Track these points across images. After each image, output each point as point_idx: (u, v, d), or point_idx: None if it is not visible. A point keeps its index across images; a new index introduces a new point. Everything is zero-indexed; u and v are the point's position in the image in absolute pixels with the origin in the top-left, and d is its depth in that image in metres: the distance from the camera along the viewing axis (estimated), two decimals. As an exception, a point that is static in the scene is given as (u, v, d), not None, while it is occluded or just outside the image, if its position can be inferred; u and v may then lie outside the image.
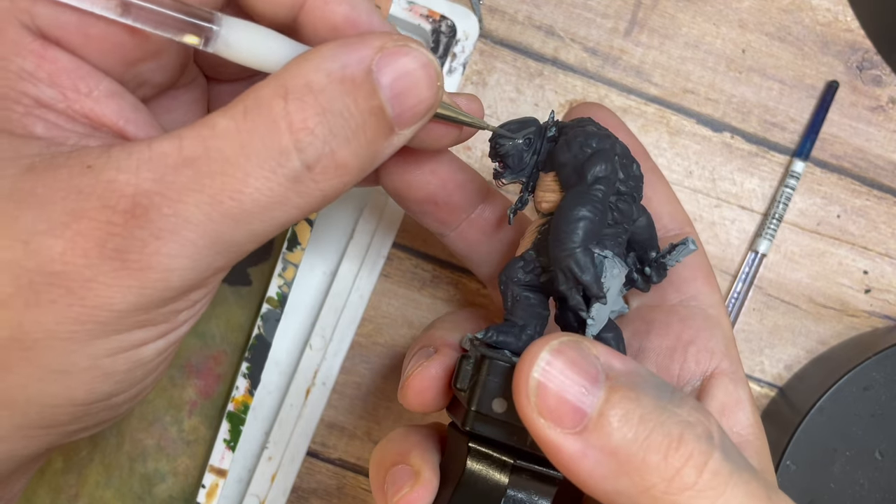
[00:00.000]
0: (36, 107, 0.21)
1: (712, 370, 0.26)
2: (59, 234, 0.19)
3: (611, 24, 0.39)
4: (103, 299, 0.20)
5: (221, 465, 0.37)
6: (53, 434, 0.22)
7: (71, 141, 0.21)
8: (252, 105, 0.20)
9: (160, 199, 0.19)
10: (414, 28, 0.37)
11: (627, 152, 0.25)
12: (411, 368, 0.26)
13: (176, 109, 0.26)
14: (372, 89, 0.21)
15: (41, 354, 0.20)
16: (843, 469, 0.36)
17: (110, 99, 0.22)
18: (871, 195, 0.39)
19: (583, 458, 0.20)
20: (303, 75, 0.20)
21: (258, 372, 0.37)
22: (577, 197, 0.23)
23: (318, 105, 0.20)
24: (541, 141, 0.26)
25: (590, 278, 0.23)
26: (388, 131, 0.22)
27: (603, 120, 0.29)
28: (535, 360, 0.20)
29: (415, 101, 0.22)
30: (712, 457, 0.19)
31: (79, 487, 0.38)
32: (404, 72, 0.21)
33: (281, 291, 0.37)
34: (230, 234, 0.20)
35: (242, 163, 0.20)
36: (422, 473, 0.25)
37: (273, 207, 0.20)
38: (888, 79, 0.39)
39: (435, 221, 0.29)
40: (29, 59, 0.20)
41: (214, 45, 0.21)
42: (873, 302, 0.39)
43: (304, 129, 0.20)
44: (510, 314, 0.25)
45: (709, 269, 0.28)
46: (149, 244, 0.19)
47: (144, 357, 0.22)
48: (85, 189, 0.19)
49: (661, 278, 0.27)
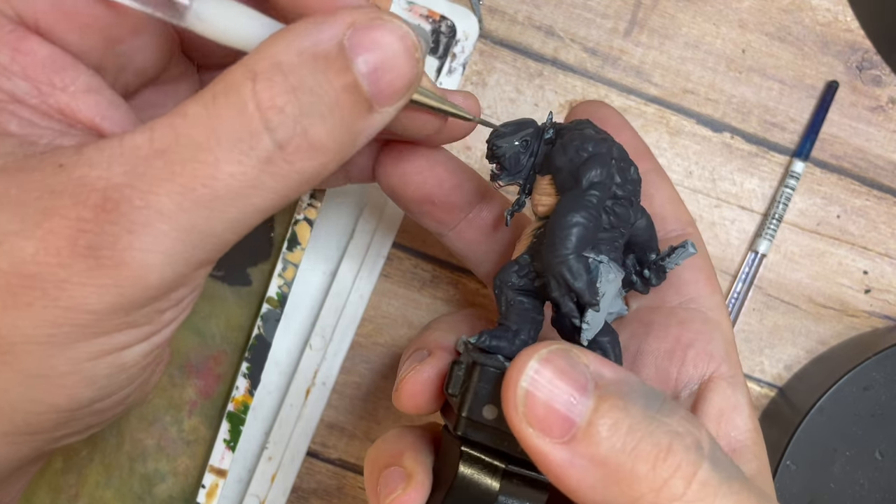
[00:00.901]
0: (9, 102, 0.20)
1: (710, 374, 0.26)
2: (30, 234, 0.19)
3: (611, 25, 0.39)
4: (78, 300, 0.19)
5: (221, 465, 0.37)
6: (39, 440, 0.22)
7: (45, 139, 0.20)
8: (221, 90, 0.19)
9: (130, 192, 0.19)
10: (414, 28, 0.37)
11: (625, 155, 0.25)
12: (405, 371, 0.26)
13: (165, 104, 0.26)
14: (345, 65, 0.20)
15: (20, 359, 0.20)
16: (843, 469, 0.36)
17: (87, 94, 0.21)
18: (871, 195, 0.39)
19: (571, 468, 0.20)
20: (272, 55, 0.20)
21: (258, 372, 0.37)
22: (572, 202, 0.23)
23: (288, 84, 0.19)
24: (538, 143, 0.26)
25: (582, 285, 0.22)
26: (366, 109, 0.21)
27: (606, 119, 0.29)
28: (524, 369, 0.20)
29: (392, 75, 0.21)
30: (701, 467, 0.19)
31: (79, 487, 0.38)
32: (379, 45, 0.20)
33: (281, 291, 0.37)
34: (205, 223, 0.20)
35: (213, 147, 0.19)
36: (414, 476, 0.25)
37: (248, 193, 0.20)
38: (888, 79, 0.39)
39: (433, 221, 0.29)
40: (3, 52, 0.20)
41: (187, 19, 0.21)
42: (873, 302, 0.39)
43: (273, 108, 0.19)
44: (504, 318, 0.25)
45: (710, 271, 0.28)
46: (121, 239, 0.19)
47: (127, 361, 0.22)
48: (57, 188, 0.19)
49: (660, 281, 0.27)
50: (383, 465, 0.26)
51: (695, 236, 0.28)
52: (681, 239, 0.27)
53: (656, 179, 0.29)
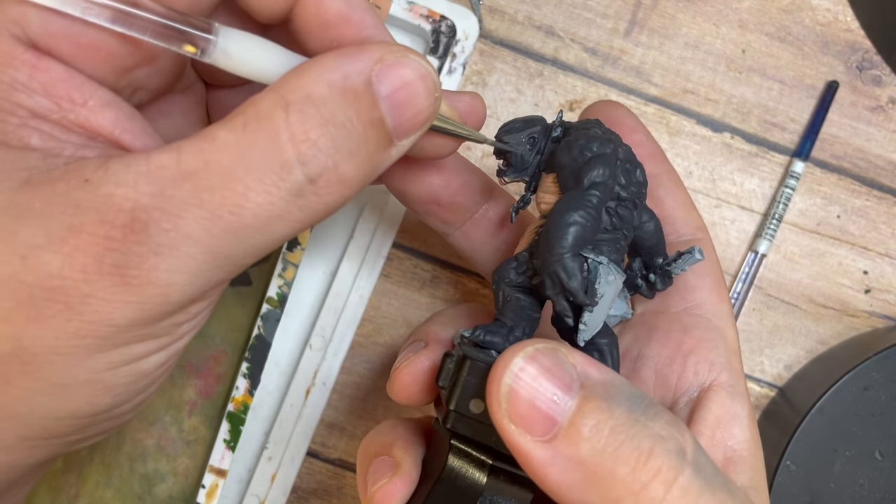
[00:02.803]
0: (31, 118, 0.20)
1: (710, 382, 0.26)
2: (57, 249, 0.19)
3: (611, 25, 0.39)
4: (102, 314, 0.19)
5: (221, 465, 0.37)
6: (56, 444, 0.22)
7: (67, 152, 0.20)
8: (252, 117, 0.20)
9: (159, 214, 0.19)
10: (414, 28, 0.37)
11: (632, 157, 0.25)
12: (399, 361, 0.26)
13: (174, 114, 0.26)
14: (373, 101, 0.21)
15: (41, 369, 0.20)
16: (843, 469, 0.36)
17: (106, 108, 0.21)
18: (871, 195, 0.39)
19: (551, 467, 0.20)
20: (303, 86, 0.20)
21: (258, 372, 0.37)
22: (571, 201, 0.23)
23: (321, 116, 0.20)
24: (546, 140, 0.26)
25: (576, 285, 0.22)
26: (388, 143, 0.22)
27: (620, 119, 0.29)
28: (509, 366, 0.20)
29: (413, 111, 0.21)
30: (682, 473, 0.19)
31: (79, 487, 0.38)
32: (403, 83, 0.21)
33: (281, 291, 0.37)
34: (230, 248, 0.20)
35: (243, 176, 0.19)
36: (402, 466, 0.25)
37: (274, 221, 0.20)
38: (888, 79, 0.39)
39: (438, 221, 0.29)
40: (22, 70, 0.20)
41: (212, 56, 0.21)
42: (873, 302, 0.39)
43: (307, 142, 0.20)
44: (500, 314, 0.25)
45: (718, 277, 0.28)
46: (148, 260, 0.19)
47: (145, 369, 0.22)
48: (83, 203, 0.19)
49: (665, 286, 0.27)
50: (373, 455, 0.26)
51: (705, 242, 0.28)
52: (690, 244, 0.27)
53: (668, 183, 0.28)
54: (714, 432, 0.25)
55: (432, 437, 0.26)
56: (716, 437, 0.25)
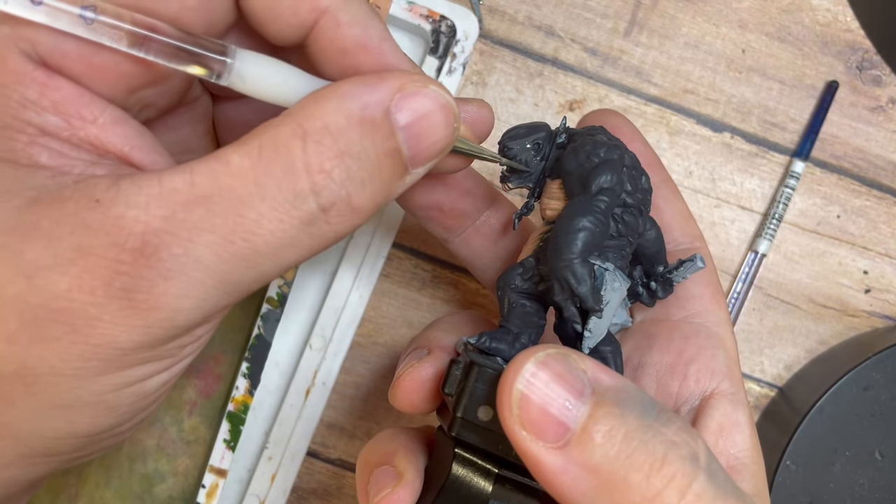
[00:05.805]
0: (40, 135, 0.20)
1: (712, 390, 0.26)
2: (65, 270, 0.19)
3: (611, 25, 0.39)
4: (108, 337, 0.19)
5: (221, 465, 0.37)
6: (56, 461, 0.22)
7: (76, 169, 0.20)
8: (268, 143, 0.20)
9: (170, 238, 0.19)
10: (414, 28, 0.37)
11: (637, 164, 0.25)
12: (402, 369, 0.26)
13: (180, 127, 0.26)
14: (390, 131, 0.21)
15: (45, 390, 0.20)
16: (843, 469, 0.36)
17: (115, 125, 0.21)
18: (871, 195, 0.39)
19: (563, 474, 0.19)
20: (321, 116, 0.20)
21: (258, 372, 0.37)
22: (579, 207, 0.23)
23: (337, 148, 0.20)
24: (550, 146, 0.25)
25: (586, 290, 0.22)
26: (403, 171, 0.21)
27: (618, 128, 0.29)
28: (520, 372, 0.20)
29: (431, 141, 0.21)
30: (696, 479, 0.19)
31: (79, 487, 0.38)
32: (422, 113, 0.21)
33: (281, 291, 0.37)
34: (239, 274, 0.20)
35: (256, 203, 0.19)
36: (405, 475, 0.25)
37: (284, 248, 0.20)
38: (888, 79, 0.39)
39: (440, 227, 0.29)
40: (32, 88, 0.20)
41: (228, 79, 0.21)
42: (873, 302, 0.39)
43: (322, 173, 0.20)
44: (505, 321, 0.25)
45: (717, 286, 0.28)
46: (157, 284, 0.19)
47: (148, 390, 0.22)
48: (93, 224, 0.19)
49: (666, 294, 0.27)
50: (374, 465, 0.26)
51: (702, 251, 0.28)
52: (688, 253, 0.27)
53: (666, 192, 0.28)
54: (717, 440, 0.25)
55: (434, 446, 0.26)
56: (718, 445, 0.24)
